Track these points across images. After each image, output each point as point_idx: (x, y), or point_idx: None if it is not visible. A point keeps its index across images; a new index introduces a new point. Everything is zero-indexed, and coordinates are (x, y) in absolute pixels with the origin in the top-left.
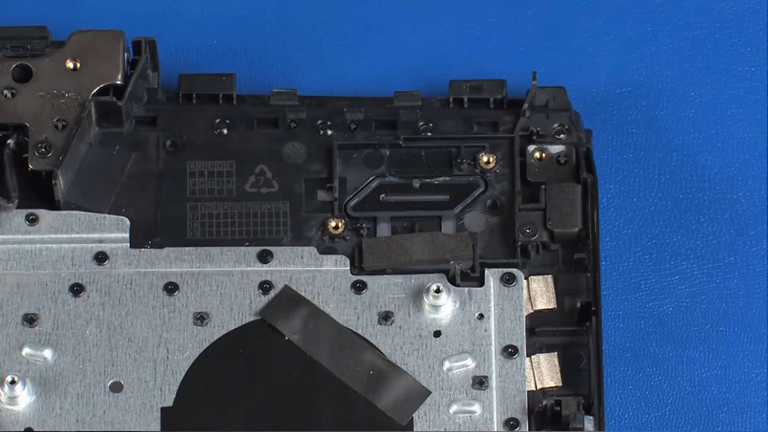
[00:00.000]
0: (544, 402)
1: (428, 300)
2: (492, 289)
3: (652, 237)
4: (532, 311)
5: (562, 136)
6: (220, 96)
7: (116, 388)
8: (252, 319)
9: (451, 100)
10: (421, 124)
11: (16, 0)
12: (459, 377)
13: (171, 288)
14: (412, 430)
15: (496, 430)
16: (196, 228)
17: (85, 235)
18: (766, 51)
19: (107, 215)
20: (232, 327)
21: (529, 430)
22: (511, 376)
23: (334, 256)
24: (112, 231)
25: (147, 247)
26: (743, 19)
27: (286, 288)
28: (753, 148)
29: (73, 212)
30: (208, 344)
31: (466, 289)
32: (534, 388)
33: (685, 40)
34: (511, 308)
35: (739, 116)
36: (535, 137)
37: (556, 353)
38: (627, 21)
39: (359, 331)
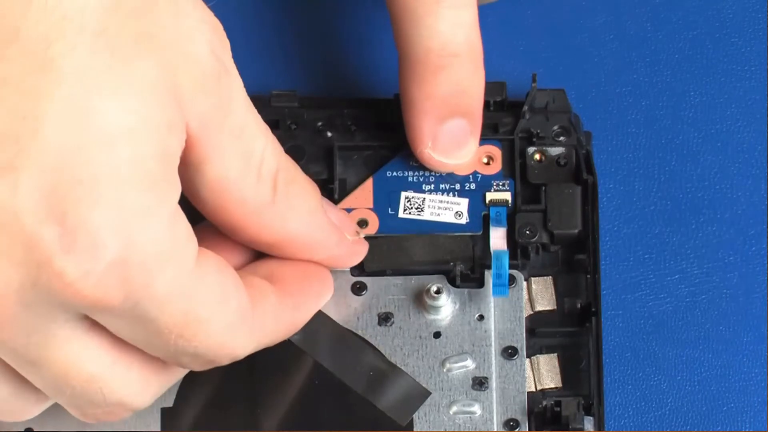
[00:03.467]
0: (544, 403)
1: (428, 301)
2: (492, 291)
3: (652, 237)
4: (532, 312)
5: (561, 138)
6: None
7: None
8: None
9: None
10: None
11: None
12: (459, 378)
13: None
14: (412, 430)
15: (496, 430)
16: None
17: None
18: (766, 51)
19: None
20: None
21: (529, 430)
22: (511, 377)
23: None
24: None
25: None
26: (743, 19)
27: None
28: (753, 148)
29: None
30: None
31: (466, 290)
32: (534, 389)
33: (685, 40)
34: (511, 309)
35: (739, 116)
36: (535, 139)
37: (555, 354)
38: (627, 21)
39: (359, 332)
